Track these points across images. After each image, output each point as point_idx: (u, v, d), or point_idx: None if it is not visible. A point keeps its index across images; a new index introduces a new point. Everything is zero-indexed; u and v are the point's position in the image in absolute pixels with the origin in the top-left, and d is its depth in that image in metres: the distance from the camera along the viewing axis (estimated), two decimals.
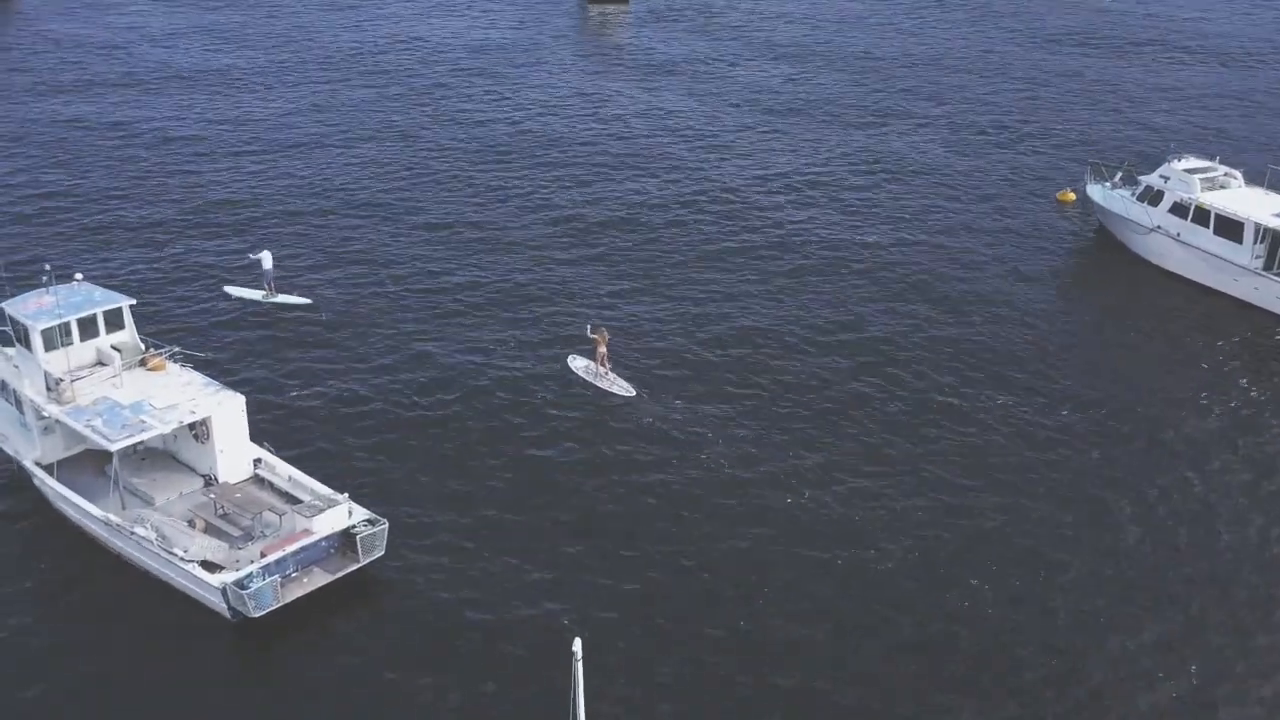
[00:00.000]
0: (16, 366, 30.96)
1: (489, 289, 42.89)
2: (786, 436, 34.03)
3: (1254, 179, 46.09)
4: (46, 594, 27.89)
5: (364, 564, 27.83)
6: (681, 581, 28.26)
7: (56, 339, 29.91)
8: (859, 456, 33.16)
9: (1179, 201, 44.76)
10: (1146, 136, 60.48)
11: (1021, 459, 33.27)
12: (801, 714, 24.62)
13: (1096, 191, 48.56)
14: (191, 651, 26.12)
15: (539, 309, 41.37)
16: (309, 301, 41.55)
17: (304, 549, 27.27)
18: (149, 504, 29.27)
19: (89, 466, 30.39)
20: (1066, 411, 35.73)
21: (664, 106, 64.95)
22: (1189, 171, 45.15)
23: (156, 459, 30.99)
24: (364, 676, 25.37)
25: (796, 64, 74.08)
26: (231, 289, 42.27)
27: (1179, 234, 44.72)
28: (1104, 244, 48.40)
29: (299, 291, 42.00)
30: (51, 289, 30.50)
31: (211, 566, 26.96)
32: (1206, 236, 43.78)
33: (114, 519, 28.13)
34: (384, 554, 28.17)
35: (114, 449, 27.79)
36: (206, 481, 30.05)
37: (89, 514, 28.63)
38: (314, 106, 63.37)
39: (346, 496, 28.56)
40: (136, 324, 31.74)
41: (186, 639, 26.41)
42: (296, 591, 26.89)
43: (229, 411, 29.59)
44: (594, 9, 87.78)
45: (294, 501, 28.93)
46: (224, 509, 29.07)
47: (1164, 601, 27.95)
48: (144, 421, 28.38)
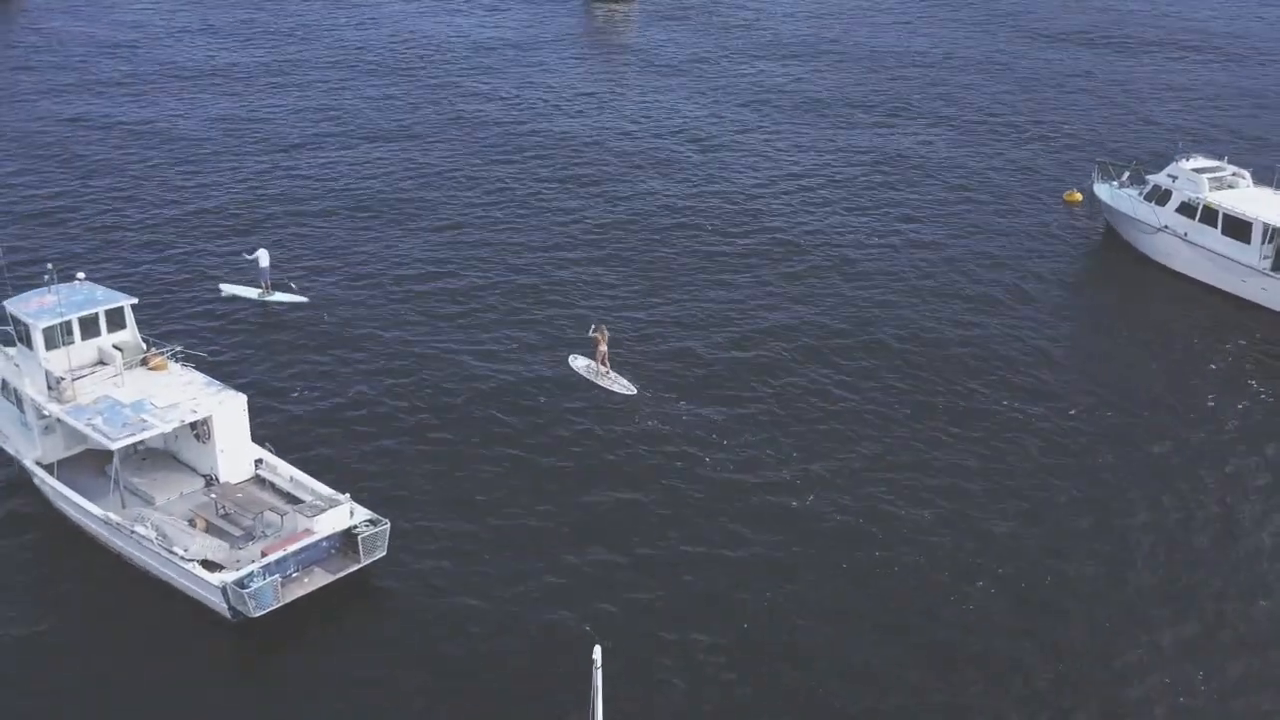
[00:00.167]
0: (17, 365, 30.89)
1: (492, 290, 42.71)
2: (791, 438, 33.83)
3: (1262, 178, 45.79)
4: (46, 594, 27.77)
5: (365, 564, 27.70)
6: (684, 583, 28.08)
7: (58, 338, 29.83)
8: (865, 459, 32.94)
9: (1186, 201, 44.49)
10: (1154, 135, 60.16)
11: (1031, 462, 33.02)
12: (806, 718, 24.42)
13: (1104, 190, 48.31)
14: (191, 651, 26.01)
15: (542, 310, 41.18)
16: (305, 300, 41.34)
17: (305, 549, 27.15)
18: (149, 504, 29.16)
19: (89, 466, 30.29)
20: (1074, 412, 35.49)
21: (669, 106, 64.78)
22: (1197, 171, 44.87)
23: (157, 459, 30.89)
24: (364, 677, 25.24)
25: (803, 63, 73.82)
26: (226, 286, 42.09)
27: (1186, 234, 44.45)
28: (1111, 243, 48.14)
29: (297, 290, 41.86)
30: (53, 288, 30.41)
31: (212, 566, 26.85)
32: (1214, 236, 43.51)
33: (114, 518, 28.03)
34: (385, 554, 28.04)
35: (114, 447, 27.69)
36: (207, 481, 29.93)
37: (89, 513, 28.52)
38: (318, 105, 63.26)
39: (348, 497, 28.43)
40: (138, 323, 31.63)
41: (186, 639, 26.29)
42: (297, 591, 26.77)
43: (230, 411, 29.47)
44: (599, 8, 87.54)
45: (295, 502, 28.80)
46: (225, 509, 28.94)
47: (1182, 608, 27.59)
48: (145, 420, 28.27)
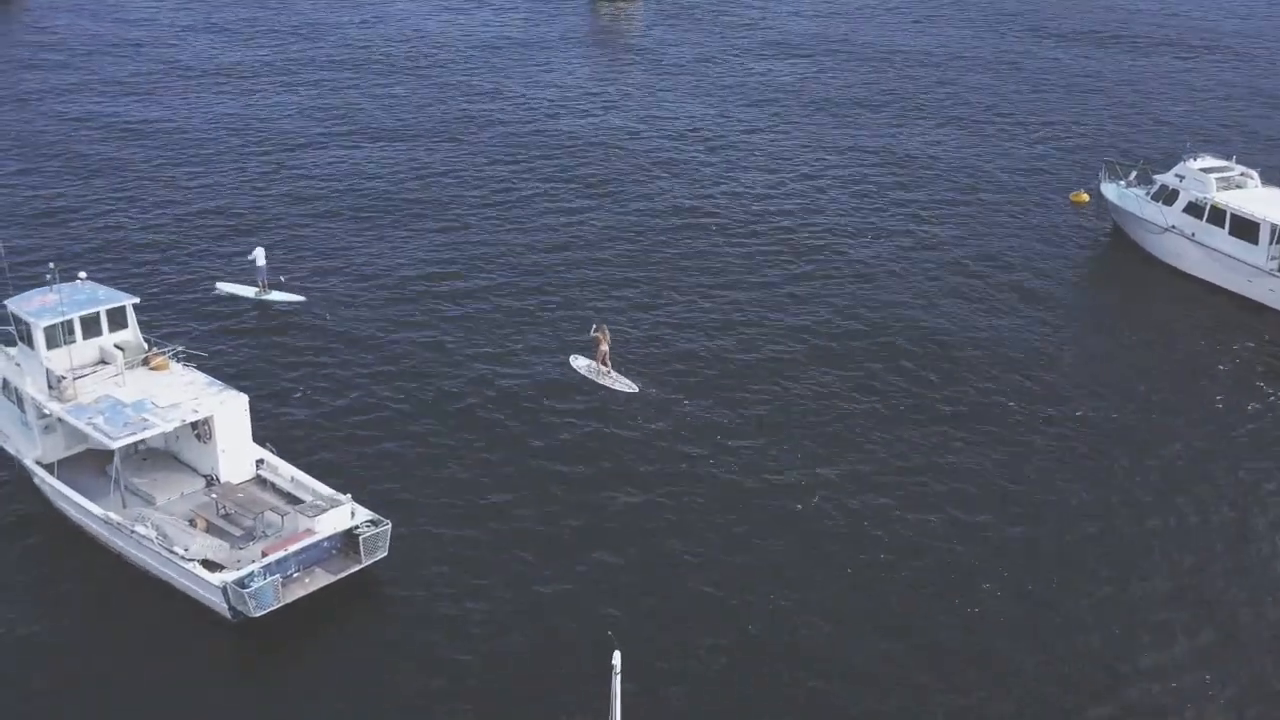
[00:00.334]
0: (18, 364, 30.80)
1: (496, 291, 42.54)
2: (795, 441, 33.64)
3: (1271, 179, 45.59)
4: (46, 594, 27.68)
5: (366, 565, 27.56)
6: (686, 584, 27.91)
7: (59, 337, 29.74)
8: (870, 461, 32.73)
9: (1194, 201, 44.24)
10: (1164, 135, 59.92)
11: (1039, 464, 32.80)
12: (808, 719, 24.27)
13: (1111, 190, 48.07)
14: (191, 651, 25.91)
15: (545, 312, 41.02)
16: (303, 299, 41.11)
17: (306, 549, 27.02)
18: (150, 503, 29.06)
19: (90, 466, 30.18)
20: (1082, 414, 35.27)
21: (674, 105, 64.60)
22: (1205, 171, 44.63)
23: (158, 459, 30.79)
24: (364, 677, 25.12)
25: (810, 62, 73.62)
26: (223, 285, 41.91)
27: (1194, 234, 44.20)
28: (1119, 244, 47.90)
29: (295, 290, 41.66)
30: (55, 287, 30.31)
31: (212, 566, 26.73)
32: (1222, 237, 43.26)
33: (114, 518, 27.92)
34: (387, 555, 27.90)
35: (115, 446, 27.59)
36: (208, 482, 29.82)
37: (89, 513, 28.42)
38: (322, 104, 63.16)
39: (349, 497, 28.30)
40: (140, 323, 31.53)
41: (186, 639, 26.18)
42: (298, 591, 26.64)
43: (231, 411, 29.36)
44: (604, 6, 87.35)
45: (296, 502, 28.68)
46: (226, 509, 28.83)
47: (1191, 613, 27.31)
48: (146, 420, 28.16)
